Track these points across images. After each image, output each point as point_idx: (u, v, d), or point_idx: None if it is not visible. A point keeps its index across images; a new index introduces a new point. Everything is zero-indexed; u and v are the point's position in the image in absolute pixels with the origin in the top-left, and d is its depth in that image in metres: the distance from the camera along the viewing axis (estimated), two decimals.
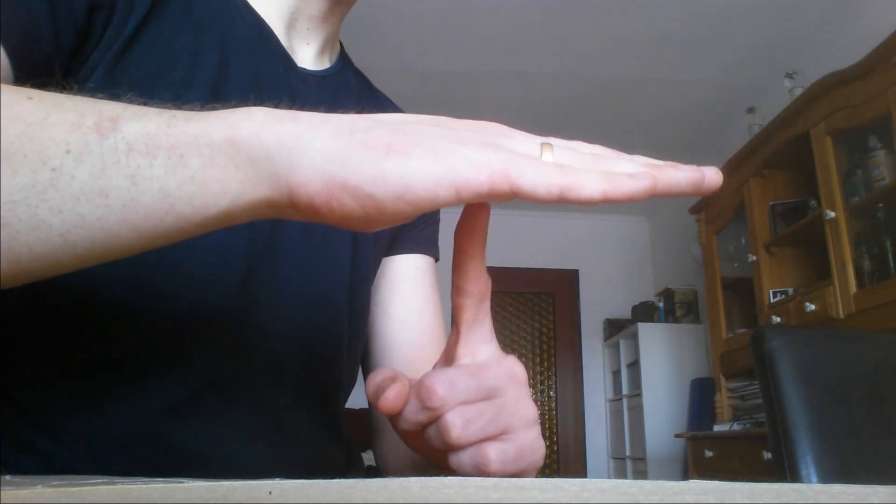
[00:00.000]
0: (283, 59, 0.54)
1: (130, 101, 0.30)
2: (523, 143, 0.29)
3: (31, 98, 0.28)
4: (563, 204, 0.27)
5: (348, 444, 0.62)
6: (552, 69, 3.14)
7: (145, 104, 0.31)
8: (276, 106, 0.52)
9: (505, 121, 0.33)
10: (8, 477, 0.30)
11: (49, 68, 0.41)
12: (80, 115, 0.27)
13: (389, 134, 0.27)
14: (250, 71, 0.51)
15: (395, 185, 0.26)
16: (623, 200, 0.27)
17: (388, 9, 2.66)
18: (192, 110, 0.29)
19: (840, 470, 0.93)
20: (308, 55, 0.58)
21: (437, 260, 0.69)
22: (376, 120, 0.29)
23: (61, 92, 0.30)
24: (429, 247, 0.68)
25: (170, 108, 0.29)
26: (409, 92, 3.19)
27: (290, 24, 0.56)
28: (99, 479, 0.29)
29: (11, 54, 0.38)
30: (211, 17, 0.50)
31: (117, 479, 0.29)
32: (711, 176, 0.29)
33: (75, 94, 0.29)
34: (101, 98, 0.30)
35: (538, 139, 0.30)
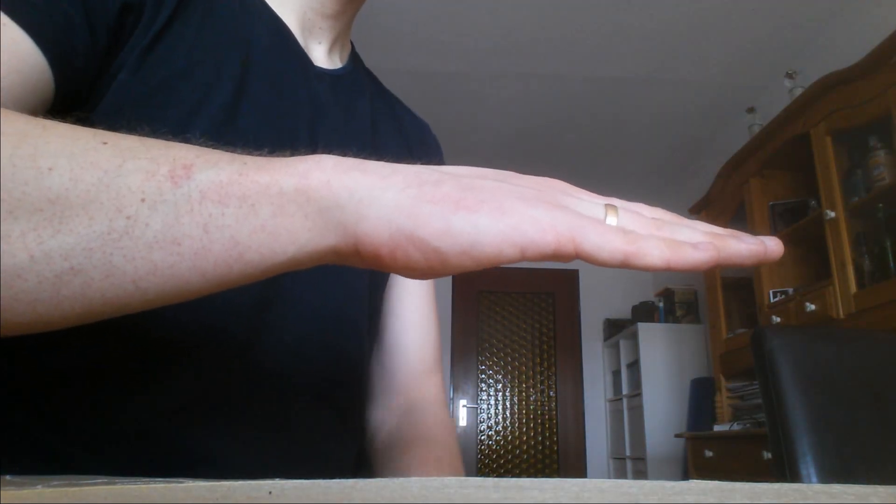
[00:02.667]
0: (300, 57, 0.56)
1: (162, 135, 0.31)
2: (587, 204, 0.29)
3: (105, 143, 0.28)
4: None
5: (361, 444, 0.63)
6: (552, 69, 3.13)
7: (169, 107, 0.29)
8: (297, 104, 0.53)
9: (504, 120, 0.33)
10: (8, 477, 0.30)
11: (85, 73, 0.42)
12: (154, 162, 0.28)
13: (457, 189, 0.27)
14: (272, 69, 0.52)
15: (462, 241, 0.26)
16: (685, 270, 0.27)
17: (388, 9, 2.66)
18: (260, 156, 0.30)
19: (840, 470, 0.93)
20: (320, 54, 0.59)
21: None
22: (444, 173, 0.29)
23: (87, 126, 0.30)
24: None
25: (238, 153, 0.30)
26: (409, 92, 3.18)
27: (304, 24, 0.58)
28: (99, 479, 0.29)
29: (53, 64, 0.38)
30: (233, 17, 0.51)
31: (117, 479, 0.29)
32: (773, 247, 0.29)
33: (147, 135, 0.30)
34: (169, 139, 0.30)
35: (602, 200, 0.30)
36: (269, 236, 0.28)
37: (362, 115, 0.61)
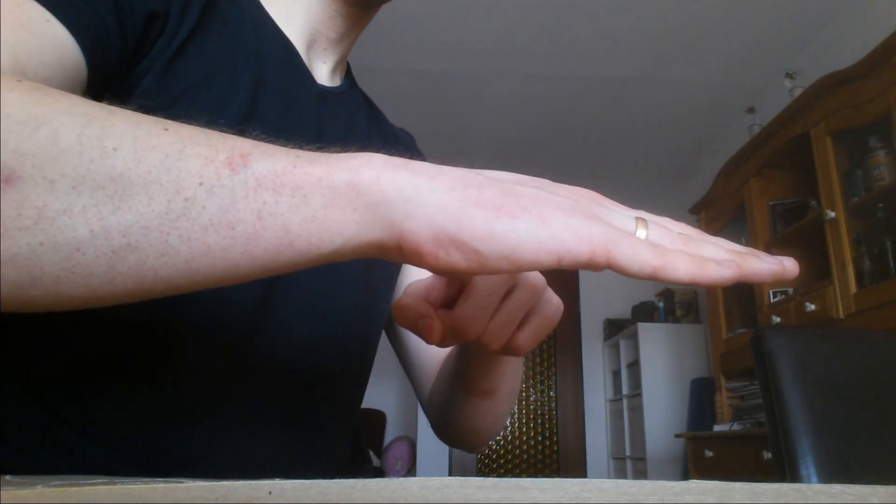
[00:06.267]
0: (305, 75, 0.59)
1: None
2: (619, 217, 0.31)
3: (167, 129, 0.29)
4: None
5: (358, 442, 0.63)
6: (552, 69, 3.13)
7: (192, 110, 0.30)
8: (303, 118, 0.55)
9: (504, 121, 0.34)
10: (8, 477, 0.30)
11: (113, 75, 0.43)
12: (213, 149, 0.29)
13: (500, 194, 0.29)
14: (280, 85, 0.55)
15: (502, 246, 0.27)
16: (707, 285, 0.29)
17: (388, 9, 2.65)
18: (311, 151, 0.31)
19: (840, 470, 0.93)
20: (323, 73, 0.62)
21: None
22: (487, 177, 0.30)
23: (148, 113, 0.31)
24: None
25: (292, 147, 0.31)
26: (409, 92, 3.19)
27: (310, 45, 0.60)
28: (99, 479, 0.29)
29: (89, 63, 0.40)
30: (245, 35, 0.54)
31: (117, 480, 0.29)
32: (790, 267, 0.30)
33: (204, 126, 0.31)
34: (225, 131, 0.31)
35: (632, 213, 0.32)
36: (318, 227, 0.29)
37: (359, 131, 0.64)
